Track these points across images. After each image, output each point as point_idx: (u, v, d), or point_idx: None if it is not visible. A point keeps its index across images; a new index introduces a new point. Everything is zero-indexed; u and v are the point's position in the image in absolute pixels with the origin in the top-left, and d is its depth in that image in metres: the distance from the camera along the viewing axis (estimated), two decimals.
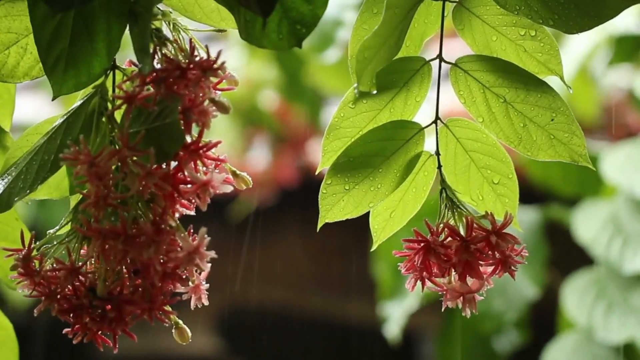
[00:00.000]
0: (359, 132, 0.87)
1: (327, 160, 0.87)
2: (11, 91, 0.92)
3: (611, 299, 1.91)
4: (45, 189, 0.85)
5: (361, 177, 0.87)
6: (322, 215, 0.87)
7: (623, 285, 1.93)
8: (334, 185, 0.87)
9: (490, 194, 0.89)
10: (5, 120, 0.92)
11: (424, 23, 0.89)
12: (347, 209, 0.87)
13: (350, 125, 0.87)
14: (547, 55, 0.87)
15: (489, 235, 0.83)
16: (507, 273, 0.83)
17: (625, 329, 1.88)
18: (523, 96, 0.87)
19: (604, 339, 1.89)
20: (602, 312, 1.91)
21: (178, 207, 0.79)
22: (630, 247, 1.91)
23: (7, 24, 0.85)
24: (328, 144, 0.88)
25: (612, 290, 1.93)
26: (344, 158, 0.87)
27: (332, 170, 0.87)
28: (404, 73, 0.88)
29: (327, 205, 0.87)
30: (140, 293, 0.77)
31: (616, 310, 1.90)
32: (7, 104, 0.92)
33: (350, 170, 0.87)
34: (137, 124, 0.78)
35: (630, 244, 1.91)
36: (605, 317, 1.90)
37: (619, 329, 1.89)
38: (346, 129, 0.87)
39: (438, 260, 0.83)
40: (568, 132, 0.86)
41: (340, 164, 0.87)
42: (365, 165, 0.87)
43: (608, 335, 1.89)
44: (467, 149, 0.88)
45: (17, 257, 0.79)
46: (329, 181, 0.87)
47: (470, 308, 0.84)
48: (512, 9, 0.85)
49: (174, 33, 0.83)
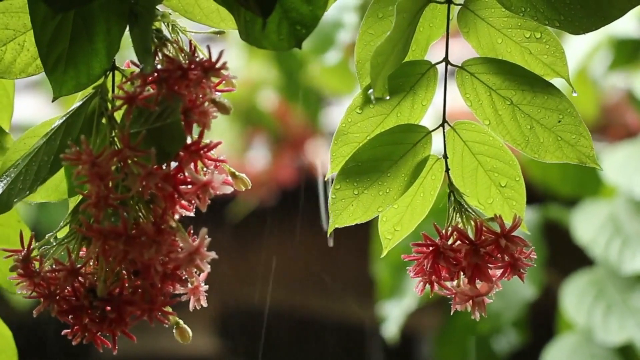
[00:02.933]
0: (366, 137, 0.87)
1: (336, 165, 0.87)
2: (10, 95, 0.92)
3: (610, 300, 1.91)
4: (44, 191, 0.85)
5: (370, 182, 0.87)
6: (332, 220, 0.87)
7: (622, 286, 1.93)
8: (343, 190, 0.87)
9: (497, 197, 0.89)
10: (4, 123, 0.92)
11: (429, 27, 0.88)
12: (357, 214, 0.87)
13: (357, 130, 0.87)
14: (552, 57, 0.87)
15: (498, 238, 0.83)
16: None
17: (624, 331, 1.88)
18: (530, 98, 0.86)
19: (603, 340, 1.89)
20: (601, 313, 1.91)
21: (178, 208, 0.79)
22: (630, 248, 1.91)
23: (5, 20, 0.85)
24: (337, 150, 0.88)
25: (611, 291, 1.93)
26: (352, 163, 0.87)
27: (341, 175, 0.87)
28: (410, 77, 0.88)
29: (337, 210, 0.87)
30: (140, 294, 0.77)
31: (615, 312, 1.90)
32: (6, 108, 0.92)
33: (359, 175, 0.87)
34: (137, 124, 0.78)
35: (630, 244, 1.91)
36: (605, 318, 1.90)
37: (618, 330, 1.89)
38: (354, 134, 0.87)
39: (448, 264, 0.83)
40: (575, 134, 0.86)
41: (349, 169, 0.87)
42: (373, 169, 0.87)
43: (607, 337, 1.89)
44: (474, 152, 0.88)
45: (17, 258, 0.79)
46: (338, 186, 0.87)
47: (479, 311, 0.84)
48: (517, 11, 0.85)
49: (173, 34, 0.83)
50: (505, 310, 2.03)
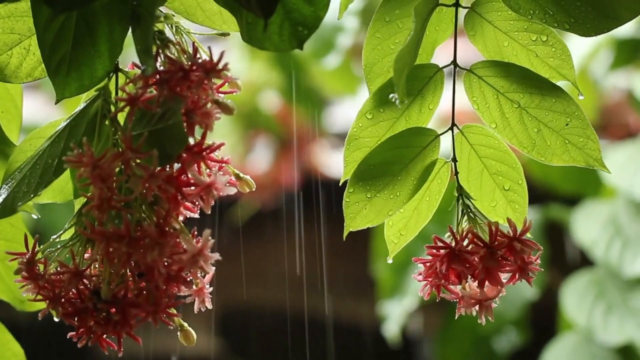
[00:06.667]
0: (377, 141, 0.88)
1: (349, 170, 0.88)
2: (18, 106, 0.92)
3: (610, 301, 1.92)
4: (49, 192, 0.85)
5: (382, 185, 0.87)
6: (347, 224, 0.87)
7: (622, 287, 1.93)
8: (357, 193, 0.87)
9: (501, 199, 0.89)
10: (12, 134, 0.92)
11: (435, 30, 0.88)
12: (369, 217, 0.87)
13: (369, 135, 0.88)
14: (558, 60, 0.87)
15: (511, 241, 0.83)
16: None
17: (624, 331, 1.88)
18: (538, 101, 0.86)
19: (603, 340, 1.89)
20: (601, 314, 1.91)
21: (182, 209, 0.79)
22: (630, 250, 1.91)
23: (10, 24, 0.85)
24: (349, 155, 0.88)
25: (611, 292, 1.93)
26: (364, 166, 0.87)
27: (354, 178, 0.87)
28: (418, 81, 0.88)
29: (351, 213, 0.87)
30: (144, 296, 0.77)
31: (615, 312, 1.90)
32: (14, 118, 0.92)
33: (372, 179, 0.87)
34: (139, 126, 0.78)
35: (630, 246, 1.91)
36: (605, 318, 1.90)
37: (618, 331, 1.89)
38: (365, 139, 0.88)
39: (462, 267, 0.83)
40: (583, 137, 0.86)
41: (362, 172, 0.87)
42: (385, 173, 0.87)
43: (607, 337, 1.89)
44: (480, 155, 0.88)
45: (21, 261, 0.79)
46: (351, 189, 0.87)
47: (486, 315, 0.84)
48: (525, 14, 0.85)
49: (177, 36, 0.83)
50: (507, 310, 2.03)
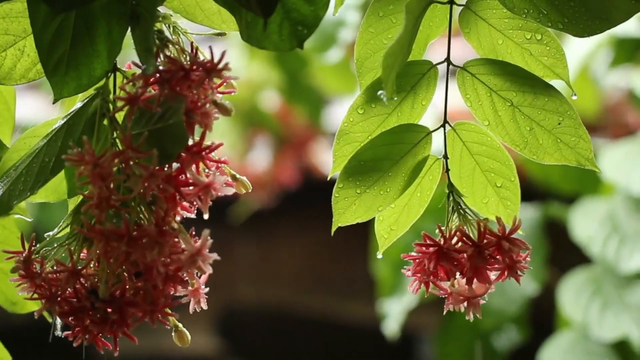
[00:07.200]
0: (368, 137, 0.87)
1: (338, 165, 0.88)
2: (11, 108, 0.92)
3: (607, 297, 1.91)
4: (43, 192, 0.85)
5: (372, 181, 0.87)
6: (335, 219, 0.88)
7: (619, 283, 1.93)
8: (346, 189, 0.87)
9: (493, 197, 0.89)
10: (5, 137, 0.92)
11: (428, 26, 0.89)
12: (358, 213, 0.88)
13: (359, 130, 0.88)
14: (552, 59, 0.87)
15: (500, 240, 0.83)
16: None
17: (619, 326, 1.88)
18: (530, 100, 0.87)
19: (598, 337, 1.89)
20: (597, 310, 1.91)
21: (179, 209, 0.79)
22: (627, 246, 1.90)
23: (5, 25, 0.85)
24: (339, 149, 0.88)
25: (607, 288, 1.93)
26: (354, 162, 0.87)
27: (344, 174, 0.87)
28: (411, 77, 0.88)
29: (339, 209, 0.87)
30: (141, 295, 0.77)
31: (611, 308, 1.90)
32: (7, 121, 0.92)
33: (362, 174, 0.87)
34: (139, 125, 0.78)
35: (627, 243, 1.91)
36: (601, 315, 1.90)
37: (614, 326, 1.89)
38: (356, 134, 0.88)
39: (450, 265, 0.83)
40: (575, 136, 0.86)
41: (352, 168, 0.87)
42: (375, 169, 0.87)
43: (603, 333, 1.89)
44: (473, 152, 0.88)
45: (18, 259, 0.79)
46: (340, 185, 0.87)
47: (475, 312, 0.84)
48: (520, 12, 0.85)
49: (174, 36, 0.83)
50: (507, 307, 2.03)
